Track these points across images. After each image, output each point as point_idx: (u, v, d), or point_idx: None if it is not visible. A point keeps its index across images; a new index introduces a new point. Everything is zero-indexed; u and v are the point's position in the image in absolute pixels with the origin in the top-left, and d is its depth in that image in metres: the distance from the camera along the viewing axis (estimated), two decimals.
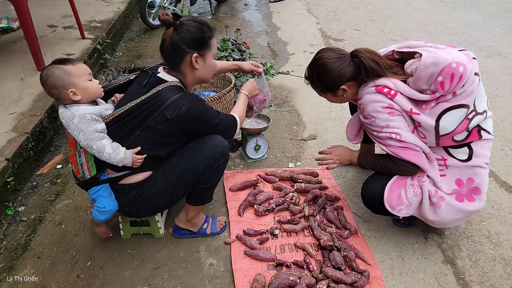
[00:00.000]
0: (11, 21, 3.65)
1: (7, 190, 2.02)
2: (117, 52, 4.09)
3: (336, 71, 1.58)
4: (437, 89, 1.43)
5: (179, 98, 1.48)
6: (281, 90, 3.29)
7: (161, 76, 1.57)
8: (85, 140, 1.44)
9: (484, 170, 1.56)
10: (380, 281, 1.61)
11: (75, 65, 1.48)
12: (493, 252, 1.77)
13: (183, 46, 1.51)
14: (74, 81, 1.45)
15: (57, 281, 1.65)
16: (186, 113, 1.49)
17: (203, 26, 1.54)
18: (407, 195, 1.60)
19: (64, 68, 1.44)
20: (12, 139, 2.20)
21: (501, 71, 3.49)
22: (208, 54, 1.59)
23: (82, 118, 1.44)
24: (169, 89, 1.50)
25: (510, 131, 2.64)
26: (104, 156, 1.45)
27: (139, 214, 1.69)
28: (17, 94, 2.62)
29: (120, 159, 1.46)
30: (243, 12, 5.55)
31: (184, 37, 1.50)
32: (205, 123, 1.59)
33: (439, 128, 1.48)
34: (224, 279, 1.66)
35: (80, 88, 1.46)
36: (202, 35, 1.53)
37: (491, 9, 4.98)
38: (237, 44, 3.32)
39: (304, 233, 1.86)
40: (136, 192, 1.56)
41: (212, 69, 1.66)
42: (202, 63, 1.58)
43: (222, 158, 1.62)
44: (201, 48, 1.55)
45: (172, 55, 1.54)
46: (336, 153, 1.89)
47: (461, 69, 1.39)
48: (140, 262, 1.73)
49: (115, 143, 1.49)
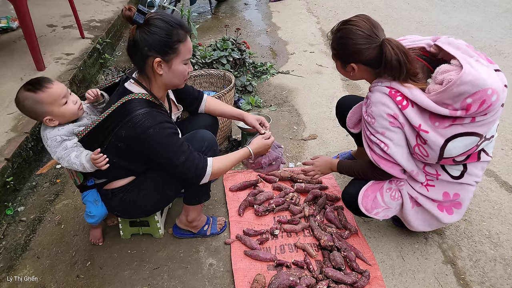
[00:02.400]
0: (10, 20, 3.64)
1: (7, 190, 2.01)
2: (116, 52, 4.08)
3: (358, 46, 1.44)
4: (461, 108, 1.31)
5: (139, 116, 1.34)
6: (281, 90, 3.29)
7: (127, 86, 1.44)
8: (58, 159, 1.45)
9: (472, 188, 1.56)
10: (380, 281, 1.61)
11: (45, 91, 1.37)
12: (493, 252, 1.76)
13: (145, 49, 1.33)
14: (48, 109, 1.40)
15: (56, 281, 1.64)
16: (140, 135, 1.35)
17: (172, 28, 1.34)
18: (384, 199, 1.61)
19: (34, 98, 1.37)
20: (11, 139, 2.20)
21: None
22: (175, 60, 1.38)
23: (53, 140, 1.44)
24: (134, 102, 1.38)
25: (510, 131, 2.64)
26: (74, 167, 1.44)
27: (131, 216, 1.70)
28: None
29: (82, 164, 1.42)
30: (243, 11, 5.54)
31: (145, 38, 1.32)
32: (162, 156, 1.40)
33: (444, 150, 1.40)
34: (224, 279, 1.65)
35: (55, 115, 1.42)
36: (168, 38, 1.33)
37: (491, 9, 4.97)
38: (237, 43, 3.32)
39: (304, 233, 1.85)
40: (121, 197, 1.56)
41: (181, 76, 1.45)
42: (167, 69, 1.40)
43: (209, 152, 1.58)
44: (165, 52, 1.35)
45: (134, 57, 1.40)
46: (317, 164, 1.88)
47: (493, 98, 1.28)
48: (139, 262, 1.73)
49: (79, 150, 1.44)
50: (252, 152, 1.64)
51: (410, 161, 1.53)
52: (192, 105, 1.82)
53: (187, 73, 1.47)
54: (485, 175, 2.23)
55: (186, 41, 1.40)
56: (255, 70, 3.54)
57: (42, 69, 2.92)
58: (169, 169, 1.45)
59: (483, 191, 2.12)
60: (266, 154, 1.73)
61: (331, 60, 4.05)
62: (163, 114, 1.46)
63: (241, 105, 2.94)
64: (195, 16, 5.22)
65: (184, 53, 1.40)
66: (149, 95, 1.44)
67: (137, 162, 1.51)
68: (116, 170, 1.51)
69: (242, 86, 3.14)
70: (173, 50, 1.37)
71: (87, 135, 1.46)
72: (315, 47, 4.16)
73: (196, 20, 5.08)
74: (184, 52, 1.40)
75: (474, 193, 2.08)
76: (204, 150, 1.56)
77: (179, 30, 1.37)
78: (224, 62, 3.09)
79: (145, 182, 1.57)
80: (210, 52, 3.18)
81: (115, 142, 1.41)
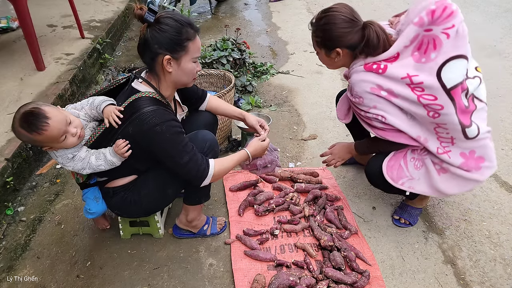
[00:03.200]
0: (10, 20, 3.64)
1: (7, 190, 2.01)
2: (116, 52, 4.08)
3: (341, 30, 1.52)
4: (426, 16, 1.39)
5: (147, 113, 1.36)
6: (281, 90, 3.29)
7: (134, 86, 1.46)
8: (79, 171, 1.46)
9: (484, 141, 1.55)
10: (380, 281, 1.61)
11: (42, 134, 1.29)
12: (493, 252, 1.76)
13: (155, 46, 1.36)
14: (46, 145, 1.39)
15: (56, 281, 1.64)
16: (146, 132, 1.36)
17: (182, 26, 1.37)
18: (408, 168, 1.63)
19: (30, 138, 1.31)
20: (11, 139, 2.19)
21: (501, 71, 3.48)
22: (184, 57, 1.41)
23: (64, 158, 1.43)
24: (141, 100, 1.39)
25: (510, 131, 2.64)
26: (101, 169, 1.45)
27: (132, 216, 1.70)
28: (16, 94, 2.62)
29: (109, 161, 1.43)
30: (243, 11, 5.54)
31: (156, 36, 1.35)
32: (166, 154, 1.42)
33: (443, 82, 1.41)
34: (224, 279, 1.65)
35: (55, 148, 1.42)
36: (177, 36, 1.36)
37: (491, 9, 4.97)
38: (237, 43, 3.32)
39: (304, 233, 1.85)
40: (122, 196, 1.56)
41: (190, 74, 1.47)
42: (176, 66, 1.42)
43: (211, 152, 1.58)
44: (174, 50, 1.38)
45: (144, 54, 1.43)
46: (335, 151, 1.93)
47: (454, 7, 1.39)
48: (139, 262, 1.73)
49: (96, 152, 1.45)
50: (250, 155, 1.65)
51: (413, 126, 1.55)
52: (196, 104, 1.84)
53: (196, 71, 1.49)
54: None
55: (195, 39, 1.42)
56: (255, 70, 3.54)
57: (42, 69, 2.92)
58: (172, 168, 1.46)
59: (483, 191, 2.12)
60: (262, 156, 1.74)
61: None
62: (170, 112, 1.47)
63: (241, 105, 2.94)
64: (195, 16, 5.22)
65: (193, 51, 1.42)
66: (156, 94, 1.45)
67: (141, 160, 1.51)
68: (119, 168, 1.51)
69: (242, 86, 3.14)
70: (183, 47, 1.39)
71: (96, 140, 1.47)
72: None
73: (196, 20, 5.08)
74: (193, 50, 1.42)
75: (474, 193, 2.10)
76: (205, 151, 1.56)
77: (189, 29, 1.39)
78: (224, 62, 3.09)
79: (147, 181, 1.58)
80: (210, 52, 3.18)
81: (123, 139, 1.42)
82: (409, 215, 1.90)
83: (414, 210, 1.91)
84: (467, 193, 2.10)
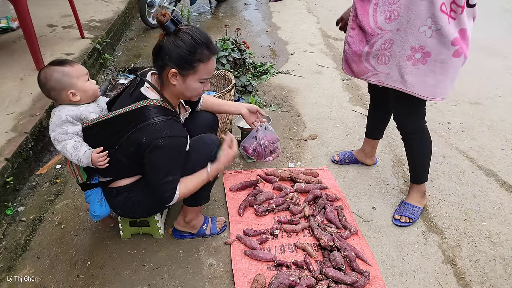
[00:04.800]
0: (10, 20, 3.64)
1: (7, 190, 2.01)
2: (116, 52, 4.08)
3: None
4: None
5: (154, 124, 1.36)
6: (281, 90, 3.29)
7: (143, 92, 1.44)
8: (53, 139, 1.46)
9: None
10: (380, 281, 1.61)
11: (73, 66, 1.46)
12: (493, 252, 1.76)
13: (166, 57, 1.36)
14: (74, 82, 1.45)
15: (56, 281, 1.64)
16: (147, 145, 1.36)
17: (196, 46, 1.35)
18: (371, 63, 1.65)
19: (62, 70, 1.44)
20: (11, 139, 2.19)
21: (501, 71, 3.48)
22: (191, 76, 1.39)
23: (58, 118, 1.44)
24: (150, 109, 1.39)
25: (510, 131, 2.64)
26: (67, 155, 1.44)
27: (134, 216, 1.70)
28: (16, 94, 2.62)
29: (79, 158, 1.43)
30: (243, 11, 5.54)
31: (169, 48, 1.34)
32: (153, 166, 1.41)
33: None
34: (224, 279, 1.65)
35: (79, 89, 1.46)
36: (189, 55, 1.35)
37: (491, 9, 4.97)
38: (237, 43, 3.32)
39: (304, 233, 1.85)
40: (126, 196, 1.56)
41: (194, 92, 1.45)
42: (181, 82, 1.40)
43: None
44: (183, 67, 1.37)
45: (156, 60, 1.42)
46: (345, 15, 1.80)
47: None
48: (139, 262, 1.73)
49: (79, 143, 1.45)
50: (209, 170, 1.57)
51: None
52: (192, 104, 1.83)
53: (202, 90, 1.47)
54: (485, 175, 2.24)
55: (209, 61, 1.40)
56: (255, 70, 3.54)
57: None
58: (149, 178, 1.47)
59: (483, 191, 2.12)
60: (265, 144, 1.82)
61: (331, 60, 4.06)
62: (178, 123, 1.47)
63: None
64: (195, 16, 5.22)
65: (202, 73, 1.41)
66: (164, 102, 1.45)
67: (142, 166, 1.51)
68: (123, 169, 1.52)
69: (242, 86, 3.14)
70: (192, 67, 1.38)
71: (94, 125, 1.46)
72: (315, 47, 4.16)
73: (196, 20, 5.08)
74: (203, 72, 1.41)
75: (474, 193, 2.10)
76: (214, 155, 1.59)
77: (204, 50, 1.37)
78: (224, 62, 3.09)
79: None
80: None
81: (127, 146, 1.42)
82: (410, 212, 1.90)
83: (415, 208, 1.91)
84: (467, 193, 2.10)
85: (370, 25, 1.57)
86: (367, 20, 1.58)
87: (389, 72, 1.63)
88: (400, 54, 1.57)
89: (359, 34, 1.65)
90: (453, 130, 2.67)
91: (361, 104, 3.02)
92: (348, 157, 2.34)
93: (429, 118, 2.80)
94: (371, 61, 1.65)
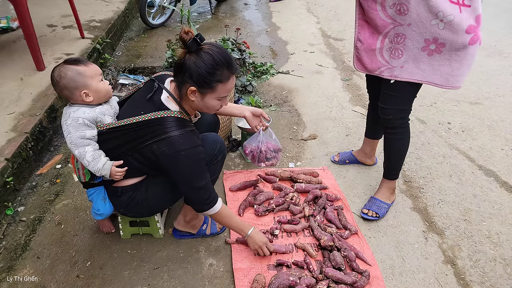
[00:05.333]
0: (10, 20, 3.64)
1: (7, 190, 2.01)
2: (116, 52, 4.08)
3: None
4: None
5: (175, 137, 1.39)
6: (281, 90, 3.29)
7: (164, 102, 1.46)
8: (69, 143, 1.44)
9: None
10: (380, 281, 1.61)
11: (87, 66, 1.46)
12: (493, 252, 1.76)
13: (186, 75, 1.38)
14: (87, 82, 1.44)
15: (56, 281, 1.64)
16: (172, 155, 1.39)
17: (217, 67, 1.36)
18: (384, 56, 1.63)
19: (77, 69, 1.42)
20: (11, 139, 2.20)
21: (501, 71, 3.48)
22: (209, 94, 1.42)
23: (74, 121, 1.43)
24: (170, 120, 1.41)
25: (510, 131, 2.64)
26: (84, 163, 1.44)
27: (136, 215, 1.70)
28: (16, 94, 2.62)
29: (97, 169, 1.43)
30: (243, 11, 5.54)
31: (190, 67, 1.36)
32: (183, 177, 1.45)
33: None
34: (224, 279, 1.65)
35: (92, 90, 1.45)
36: (208, 76, 1.37)
37: (491, 9, 4.97)
38: (237, 43, 3.31)
39: (304, 233, 1.85)
40: (131, 195, 1.56)
41: (211, 108, 1.49)
42: (199, 99, 1.44)
43: (220, 155, 1.64)
44: (202, 86, 1.39)
45: (177, 75, 1.44)
46: None
47: None
48: (139, 262, 1.73)
49: (98, 152, 1.45)
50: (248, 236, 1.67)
51: None
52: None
53: (220, 106, 1.50)
54: (485, 175, 2.24)
55: (228, 82, 1.43)
56: (255, 70, 3.54)
57: (42, 69, 2.92)
58: (183, 188, 1.50)
59: (483, 191, 2.12)
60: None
61: (331, 60, 4.06)
62: (195, 134, 1.49)
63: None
64: (195, 16, 5.22)
65: (221, 92, 1.43)
66: (183, 113, 1.47)
67: (155, 169, 1.53)
68: (133, 172, 1.52)
69: (242, 86, 3.13)
70: (211, 87, 1.40)
71: (108, 131, 1.46)
72: (315, 47, 4.16)
73: (196, 20, 5.08)
74: (221, 91, 1.43)
75: (474, 193, 2.10)
76: (216, 153, 1.61)
77: (224, 70, 1.39)
78: None
79: (156, 181, 1.58)
80: None
81: (144, 153, 1.43)
82: (378, 207, 1.93)
83: (382, 203, 1.94)
84: (467, 193, 2.11)
85: (381, 17, 1.57)
86: (376, 13, 1.58)
87: (403, 65, 1.63)
88: (414, 46, 1.57)
89: (369, 28, 1.66)
90: (453, 130, 2.67)
91: (361, 104, 3.02)
92: (348, 157, 2.34)
93: (429, 118, 2.82)
94: (385, 55, 1.66)
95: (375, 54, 1.67)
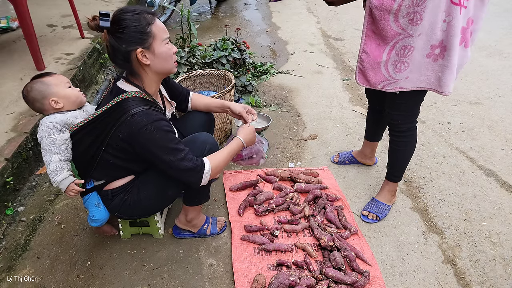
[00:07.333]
0: (10, 20, 3.64)
1: (7, 190, 2.01)
2: None
3: None
4: None
5: (134, 115, 1.34)
6: (281, 90, 3.29)
7: (119, 85, 1.43)
8: (42, 149, 1.46)
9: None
10: (380, 281, 1.61)
11: (52, 76, 1.51)
12: (493, 252, 1.76)
13: (123, 46, 1.34)
14: (54, 90, 1.48)
15: (56, 281, 1.64)
16: (136, 134, 1.35)
17: (139, 15, 1.35)
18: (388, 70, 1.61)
19: (41, 80, 1.48)
20: (11, 139, 2.20)
21: (501, 71, 3.48)
22: (154, 43, 1.37)
23: (45, 126, 1.45)
24: (129, 101, 1.37)
25: (510, 131, 2.64)
26: (48, 171, 1.45)
27: (132, 217, 1.69)
28: (16, 94, 2.62)
29: (55, 181, 1.43)
30: (243, 11, 5.54)
31: (120, 37, 1.33)
32: (158, 154, 1.38)
33: None
34: (224, 279, 1.65)
35: (61, 96, 1.49)
36: (138, 25, 1.33)
37: (491, 9, 4.96)
38: (237, 43, 3.32)
39: (304, 233, 1.85)
40: (122, 198, 1.55)
41: (169, 58, 1.44)
42: (152, 56, 1.39)
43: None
44: (142, 40, 1.35)
45: (117, 59, 1.39)
46: None
47: None
48: (139, 262, 1.73)
49: (62, 164, 1.44)
50: (244, 141, 1.64)
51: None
52: (182, 104, 1.83)
53: (173, 53, 1.45)
54: (485, 175, 2.24)
55: (155, 22, 1.39)
56: (255, 70, 3.54)
57: (42, 69, 2.92)
58: (167, 169, 1.43)
59: (483, 191, 2.12)
60: (249, 146, 1.71)
61: (331, 60, 4.06)
62: (158, 111, 1.45)
63: None
64: (195, 16, 5.22)
65: (160, 33, 1.39)
66: (142, 93, 1.43)
67: (135, 161, 1.51)
68: (114, 170, 1.51)
69: (242, 86, 3.14)
70: (148, 34, 1.36)
71: (79, 130, 1.46)
72: (315, 47, 4.16)
73: (196, 20, 5.08)
74: (159, 32, 1.39)
75: (474, 193, 2.10)
76: (205, 154, 1.55)
77: (145, 14, 1.37)
78: (224, 62, 3.09)
79: (147, 183, 1.57)
80: (210, 52, 3.18)
81: (112, 144, 1.41)
82: (379, 209, 1.93)
83: (384, 205, 1.94)
84: (467, 193, 2.11)
85: (392, 27, 1.54)
86: (388, 24, 1.54)
87: (408, 76, 1.61)
88: (420, 54, 1.56)
89: (376, 40, 1.62)
90: (453, 130, 2.67)
91: (361, 104, 3.02)
92: (348, 158, 2.34)
93: (429, 118, 2.82)
94: (389, 68, 1.62)
95: (380, 67, 1.64)
